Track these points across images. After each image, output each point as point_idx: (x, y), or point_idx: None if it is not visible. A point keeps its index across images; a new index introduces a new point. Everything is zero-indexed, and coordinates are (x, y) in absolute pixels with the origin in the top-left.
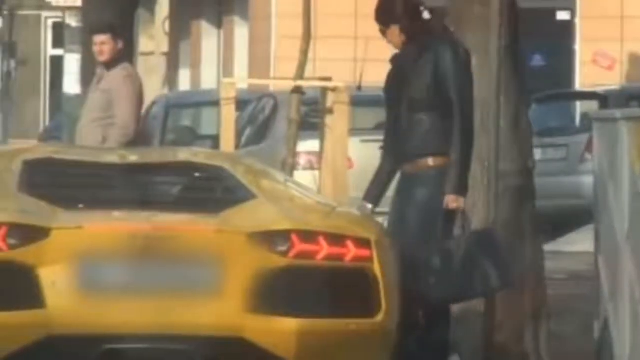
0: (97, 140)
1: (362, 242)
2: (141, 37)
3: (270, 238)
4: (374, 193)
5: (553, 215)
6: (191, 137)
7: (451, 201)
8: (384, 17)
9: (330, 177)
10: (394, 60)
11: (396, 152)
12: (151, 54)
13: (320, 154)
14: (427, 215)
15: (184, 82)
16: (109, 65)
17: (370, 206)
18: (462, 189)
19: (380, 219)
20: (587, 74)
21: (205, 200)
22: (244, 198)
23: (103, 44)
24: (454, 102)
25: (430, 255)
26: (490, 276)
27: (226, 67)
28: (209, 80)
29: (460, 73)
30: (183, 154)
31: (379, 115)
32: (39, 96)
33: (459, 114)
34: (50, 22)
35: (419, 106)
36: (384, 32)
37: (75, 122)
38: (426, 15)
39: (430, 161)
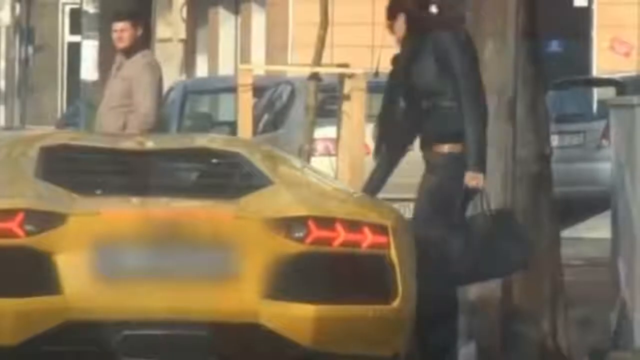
0: (117, 127)
1: (379, 229)
2: (158, 24)
3: (287, 224)
4: (370, 191)
5: (570, 202)
6: (208, 123)
7: (469, 178)
8: (394, 7)
9: (347, 164)
10: (395, 60)
11: (402, 142)
12: (169, 40)
13: (337, 140)
14: (440, 201)
15: (201, 68)
16: (129, 52)
17: None
18: (479, 166)
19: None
20: (604, 61)
21: (223, 187)
22: (261, 184)
23: (122, 31)
24: (460, 84)
25: (448, 236)
26: (508, 257)
27: (243, 53)
28: (226, 66)
29: (461, 54)
30: (200, 140)
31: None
32: (56, 83)
33: (466, 94)
34: (67, 8)
35: (428, 94)
36: (391, 27)
37: (92, 109)
38: (433, 9)
39: (446, 148)
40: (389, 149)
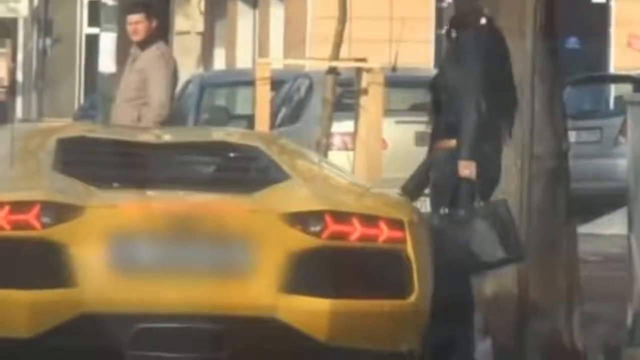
0: (132, 119)
1: (395, 223)
2: (177, 17)
3: (303, 218)
4: (409, 187)
5: (586, 198)
6: (226, 116)
7: (462, 167)
8: (455, 22)
9: (364, 158)
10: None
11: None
12: (187, 33)
13: (354, 135)
14: (444, 196)
15: (219, 61)
16: (143, 44)
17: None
18: (470, 155)
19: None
20: (621, 57)
21: (240, 180)
22: (278, 178)
23: (137, 23)
24: (465, 77)
25: (441, 226)
26: (498, 247)
27: (261, 47)
28: (244, 60)
29: (473, 50)
30: (218, 134)
31: (414, 96)
32: (73, 75)
33: (467, 88)
34: (85, 0)
35: (445, 90)
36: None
37: (110, 101)
38: (482, 21)
39: (451, 143)
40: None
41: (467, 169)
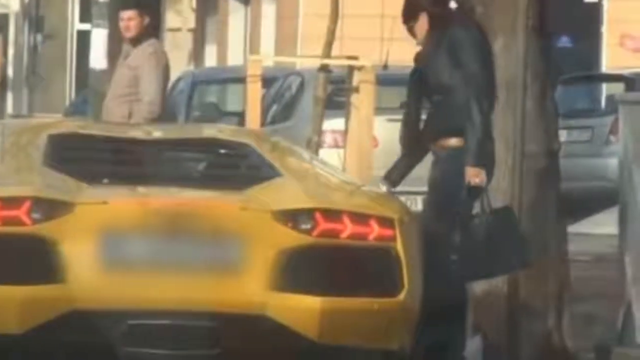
0: (123, 116)
1: (386, 222)
2: (168, 13)
3: (294, 216)
4: (394, 177)
5: (577, 197)
6: (217, 113)
7: (471, 175)
8: (412, 8)
9: (355, 156)
10: (417, 58)
11: (420, 136)
12: (178, 30)
13: (345, 133)
14: (444, 195)
15: (210, 58)
16: (136, 41)
17: (385, 187)
18: (478, 161)
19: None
20: (613, 57)
21: (230, 177)
22: (269, 176)
23: (130, 20)
24: (467, 79)
25: (452, 233)
26: (507, 256)
27: (253, 44)
28: (235, 57)
29: (472, 50)
30: (209, 131)
31: (405, 94)
32: (65, 71)
33: (470, 90)
34: None
35: (440, 89)
36: (412, 30)
37: (101, 98)
38: (452, 4)
39: (453, 141)
40: (413, 145)
41: (476, 176)
